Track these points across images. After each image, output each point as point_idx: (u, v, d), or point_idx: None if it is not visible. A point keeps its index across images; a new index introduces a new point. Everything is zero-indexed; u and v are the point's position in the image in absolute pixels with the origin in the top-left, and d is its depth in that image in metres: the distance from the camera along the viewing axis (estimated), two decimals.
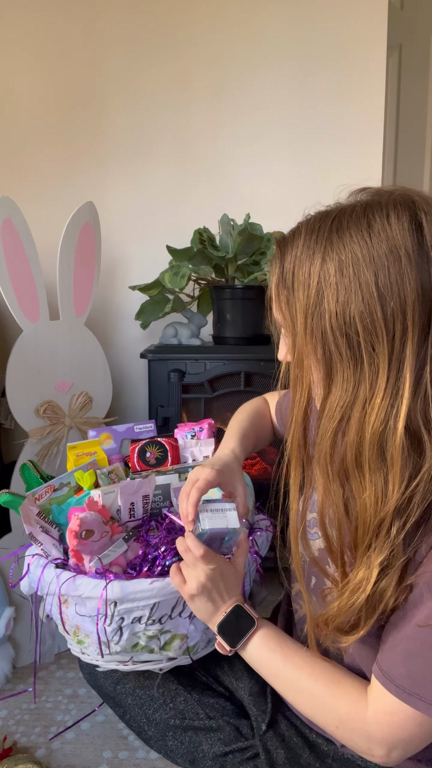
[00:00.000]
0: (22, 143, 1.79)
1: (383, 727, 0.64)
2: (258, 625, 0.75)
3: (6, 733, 1.22)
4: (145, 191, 1.81)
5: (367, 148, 1.74)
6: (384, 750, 0.65)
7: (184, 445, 1.05)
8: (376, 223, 0.59)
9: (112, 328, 1.88)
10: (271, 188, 1.78)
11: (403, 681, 0.62)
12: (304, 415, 0.67)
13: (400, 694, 0.62)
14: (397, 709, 0.63)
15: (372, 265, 0.58)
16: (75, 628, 0.87)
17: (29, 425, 1.40)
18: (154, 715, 0.89)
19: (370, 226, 0.59)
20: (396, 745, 0.64)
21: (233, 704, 0.90)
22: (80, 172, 1.81)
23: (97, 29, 1.74)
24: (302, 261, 0.63)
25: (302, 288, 0.63)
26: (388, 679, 0.63)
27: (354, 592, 0.63)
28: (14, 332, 1.43)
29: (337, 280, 0.60)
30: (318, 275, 0.61)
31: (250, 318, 1.56)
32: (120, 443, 1.12)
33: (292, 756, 0.80)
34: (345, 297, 0.59)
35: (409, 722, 0.62)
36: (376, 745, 0.65)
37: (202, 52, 1.74)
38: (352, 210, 0.62)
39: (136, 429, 1.12)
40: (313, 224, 0.64)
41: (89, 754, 1.18)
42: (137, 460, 1.03)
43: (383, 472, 0.61)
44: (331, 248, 0.61)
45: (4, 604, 1.37)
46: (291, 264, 0.65)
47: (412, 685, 0.61)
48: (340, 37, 1.70)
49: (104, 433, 1.10)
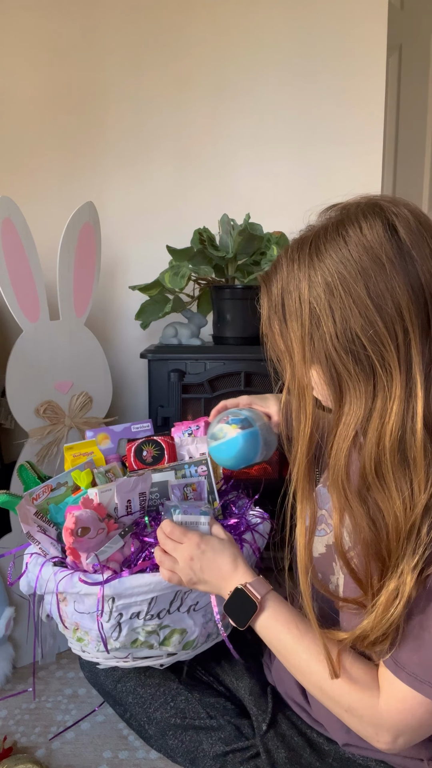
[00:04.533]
0: (22, 143, 1.79)
1: (393, 715, 0.64)
2: (261, 607, 0.74)
3: (6, 733, 1.22)
4: (145, 191, 1.81)
5: (367, 148, 1.74)
6: (391, 737, 0.65)
7: (181, 443, 1.05)
8: (352, 238, 0.60)
9: (112, 328, 1.88)
10: (271, 188, 1.78)
11: (415, 669, 0.62)
12: (309, 446, 0.67)
13: (412, 682, 0.62)
14: (408, 697, 0.63)
15: (360, 278, 0.59)
16: (74, 625, 0.87)
17: (29, 425, 1.40)
18: (155, 714, 0.89)
19: (347, 243, 0.60)
20: (404, 731, 0.65)
21: (234, 704, 0.90)
22: (80, 172, 1.81)
23: (97, 29, 1.74)
24: (289, 292, 0.64)
25: (294, 318, 0.64)
26: (400, 667, 0.63)
27: (389, 605, 0.61)
28: (14, 332, 1.43)
29: (330, 301, 0.61)
30: (308, 302, 0.62)
31: (250, 318, 1.56)
32: (117, 443, 1.12)
33: (293, 756, 0.80)
34: (342, 315, 0.60)
35: (419, 709, 0.63)
36: (384, 732, 0.65)
37: (202, 52, 1.74)
38: (325, 231, 0.63)
39: (133, 429, 1.12)
40: (291, 254, 0.65)
41: (89, 754, 1.18)
42: (134, 458, 1.03)
43: (407, 477, 0.61)
44: (314, 272, 0.62)
45: (4, 604, 1.37)
46: (279, 297, 0.66)
47: (424, 672, 0.62)
48: (340, 38, 1.70)
49: (101, 433, 1.11)
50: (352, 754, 0.79)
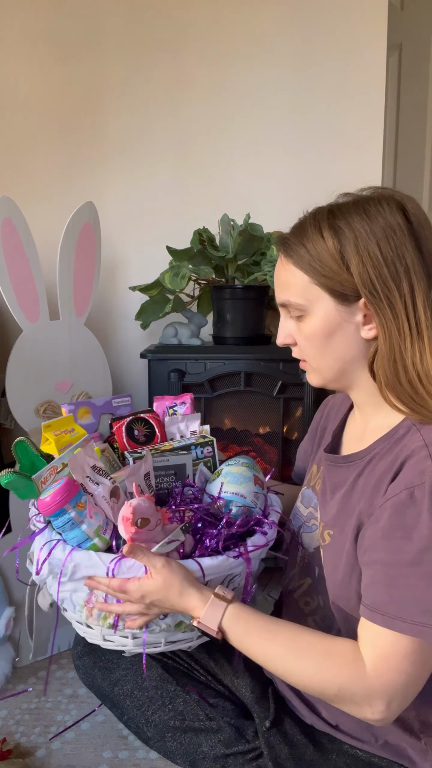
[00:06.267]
0: (22, 143, 1.79)
1: (382, 676, 0.66)
2: (222, 634, 0.74)
3: (6, 733, 1.22)
4: (145, 191, 1.81)
5: (367, 148, 1.74)
6: (384, 703, 0.67)
7: (171, 422, 1.05)
8: (372, 209, 0.73)
9: (112, 328, 1.88)
10: (271, 188, 1.78)
11: (388, 608, 0.66)
12: None
13: (387, 622, 0.66)
14: (390, 653, 0.66)
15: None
16: (106, 612, 0.82)
17: (29, 425, 1.40)
18: (153, 717, 0.89)
19: (366, 211, 0.73)
20: (395, 693, 0.67)
21: (234, 704, 0.90)
22: (80, 172, 1.81)
23: (98, 29, 1.74)
24: (315, 238, 0.74)
25: (327, 254, 0.73)
26: (375, 611, 0.67)
27: None
28: (14, 332, 1.43)
29: (357, 245, 0.72)
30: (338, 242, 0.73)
31: (250, 318, 1.56)
32: (99, 418, 1.10)
33: (296, 752, 0.80)
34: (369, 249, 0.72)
35: (403, 662, 0.66)
36: (378, 700, 0.67)
37: (202, 52, 1.74)
38: (345, 203, 0.76)
39: (114, 403, 1.10)
40: (315, 214, 0.77)
41: (89, 754, 1.18)
42: (126, 439, 1.00)
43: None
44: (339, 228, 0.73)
45: (4, 604, 1.37)
46: (309, 243, 0.75)
47: (396, 609, 0.65)
48: (340, 38, 1.70)
49: (82, 407, 1.07)
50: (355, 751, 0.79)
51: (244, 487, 0.89)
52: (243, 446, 1.62)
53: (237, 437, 1.62)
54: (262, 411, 1.61)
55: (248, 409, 1.62)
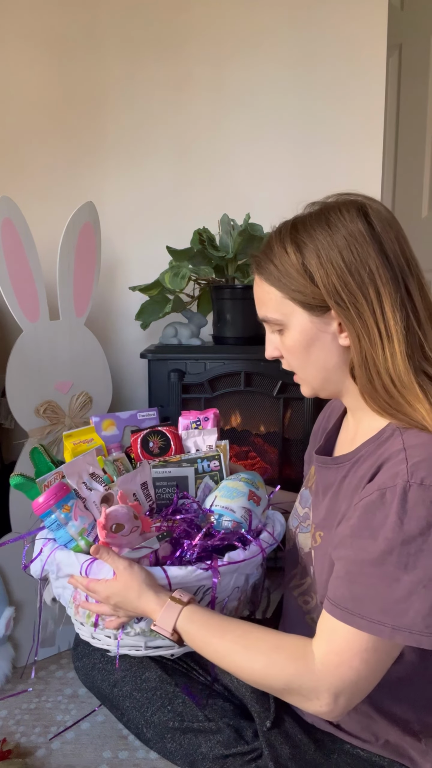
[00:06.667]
0: (22, 143, 1.79)
1: (331, 670, 0.67)
2: (177, 636, 0.77)
3: (6, 733, 1.22)
4: (145, 191, 1.81)
5: (367, 148, 1.74)
6: (331, 697, 0.68)
7: (187, 435, 1.05)
8: (333, 218, 0.74)
9: (112, 328, 1.88)
10: (271, 188, 1.78)
11: (348, 603, 0.67)
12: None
13: (346, 617, 0.67)
14: (344, 648, 0.67)
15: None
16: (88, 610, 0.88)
17: (29, 425, 1.40)
18: (152, 718, 0.89)
19: (328, 222, 0.74)
20: (343, 689, 0.68)
21: (233, 704, 0.90)
22: (80, 172, 1.81)
23: (98, 29, 1.74)
24: (281, 254, 0.77)
25: (293, 269, 0.75)
26: (336, 605, 0.68)
27: None
28: (14, 332, 1.43)
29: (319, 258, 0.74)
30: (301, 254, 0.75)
31: (250, 318, 1.56)
32: (123, 430, 1.11)
33: (297, 752, 0.80)
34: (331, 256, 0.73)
35: (354, 659, 0.66)
36: (324, 693, 0.68)
37: (202, 52, 1.74)
38: (308, 215, 0.78)
39: (139, 416, 1.11)
40: (280, 229, 0.80)
41: (89, 754, 1.18)
42: (141, 450, 1.02)
43: None
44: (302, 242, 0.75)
45: (4, 604, 1.37)
46: (278, 260, 0.77)
47: (355, 605, 0.67)
48: (340, 37, 1.70)
49: (107, 419, 1.10)
50: (355, 751, 0.79)
51: (235, 501, 0.91)
52: (243, 446, 1.62)
53: (237, 437, 1.62)
54: (262, 411, 1.61)
55: (248, 409, 1.62)
